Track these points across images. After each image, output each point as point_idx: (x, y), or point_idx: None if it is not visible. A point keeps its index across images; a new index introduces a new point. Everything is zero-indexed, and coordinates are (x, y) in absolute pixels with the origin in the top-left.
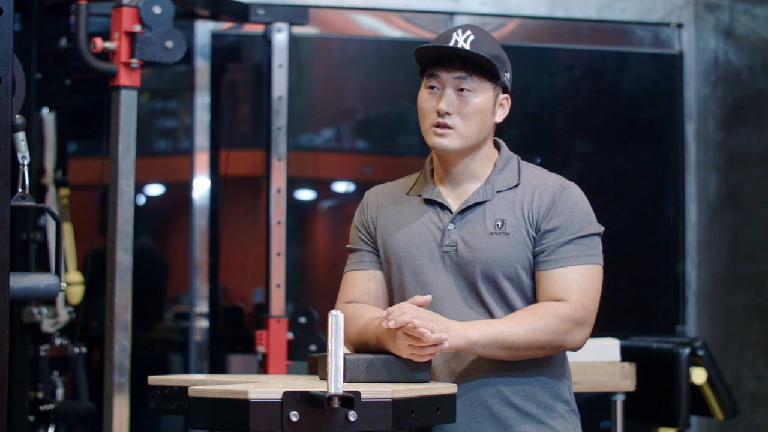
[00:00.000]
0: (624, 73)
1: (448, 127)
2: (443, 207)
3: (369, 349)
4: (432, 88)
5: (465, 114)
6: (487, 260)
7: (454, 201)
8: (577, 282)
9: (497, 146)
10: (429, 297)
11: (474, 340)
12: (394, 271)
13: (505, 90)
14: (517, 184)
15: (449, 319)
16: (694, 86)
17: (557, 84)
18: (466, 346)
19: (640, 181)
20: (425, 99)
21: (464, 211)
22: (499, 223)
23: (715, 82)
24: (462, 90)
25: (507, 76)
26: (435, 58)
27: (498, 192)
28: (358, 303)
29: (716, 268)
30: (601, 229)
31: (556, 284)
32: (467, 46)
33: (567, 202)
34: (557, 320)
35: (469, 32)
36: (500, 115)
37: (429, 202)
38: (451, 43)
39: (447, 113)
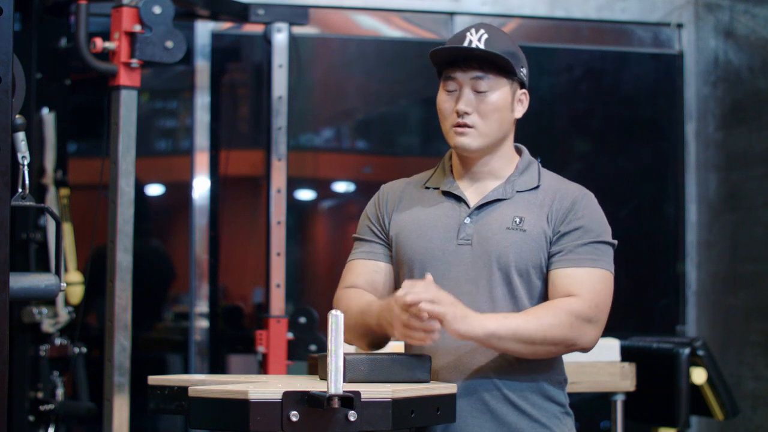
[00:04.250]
0: (624, 73)
1: (468, 126)
2: (460, 200)
3: (370, 331)
4: (450, 89)
5: (484, 112)
6: (501, 254)
7: (472, 196)
8: (592, 282)
9: (519, 151)
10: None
11: (491, 330)
12: (406, 263)
13: (522, 85)
14: (537, 186)
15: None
16: (694, 86)
17: (557, 84)
18: (483, 337)
19: (640, 181)
20: (444, 100)
21: (482, 206)
22: (517, 219)
23: (715, 82)
24: (479, 89)
25: (523, 72)
26: (450, 60)
27: (518, 192)
28: (360, 290)
29: (716, 268)
30: (614, 242)
31: (571, 282)
32: (481, 45)
33: (587, 207)
34: (571, 317)
35: (482, 31)
36: (519, 111)
37: (447, 194)
38: (465, 43)
39: (466, 113)
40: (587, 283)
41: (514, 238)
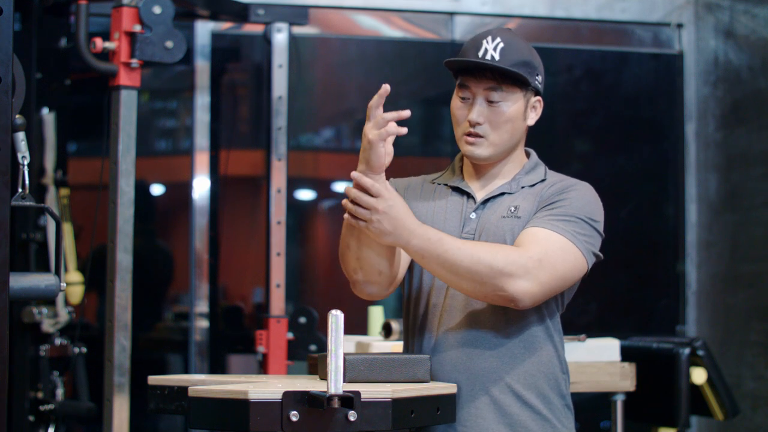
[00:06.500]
0: (624, 73)
1: (479, 136)
2: (468, 195)
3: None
4: (464, 97)
5: (496, 123)
6: (497, 242)
7: (479, 193)
8: (544, 240)
9: (527, 154)
10: (387, 87)
11: (415, 248)
12: None
13: (537, 92)
14: (542, 180)
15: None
16: (694, 86)
17: (557, 84)
18: (404, 248)
19: (640, 181)
20: (458, 107)
21: (487, 201)
22: (513, 208)
23: (715, 82)
24: (492, 99)
25: (538, 80)
26: (465, 67)
27: (522, 187)
28: None
29: (716, 268)
30: (596, 222)
31: (524, 237)
32: (497, 55)
33: (574, 191)
34: (506, 261)
35: (498, 39)
36: (532, 118)
37: (456, 189)
38: (481, 52)
39: (478, 123)
40: (539, 240)
41: (509, 225)
